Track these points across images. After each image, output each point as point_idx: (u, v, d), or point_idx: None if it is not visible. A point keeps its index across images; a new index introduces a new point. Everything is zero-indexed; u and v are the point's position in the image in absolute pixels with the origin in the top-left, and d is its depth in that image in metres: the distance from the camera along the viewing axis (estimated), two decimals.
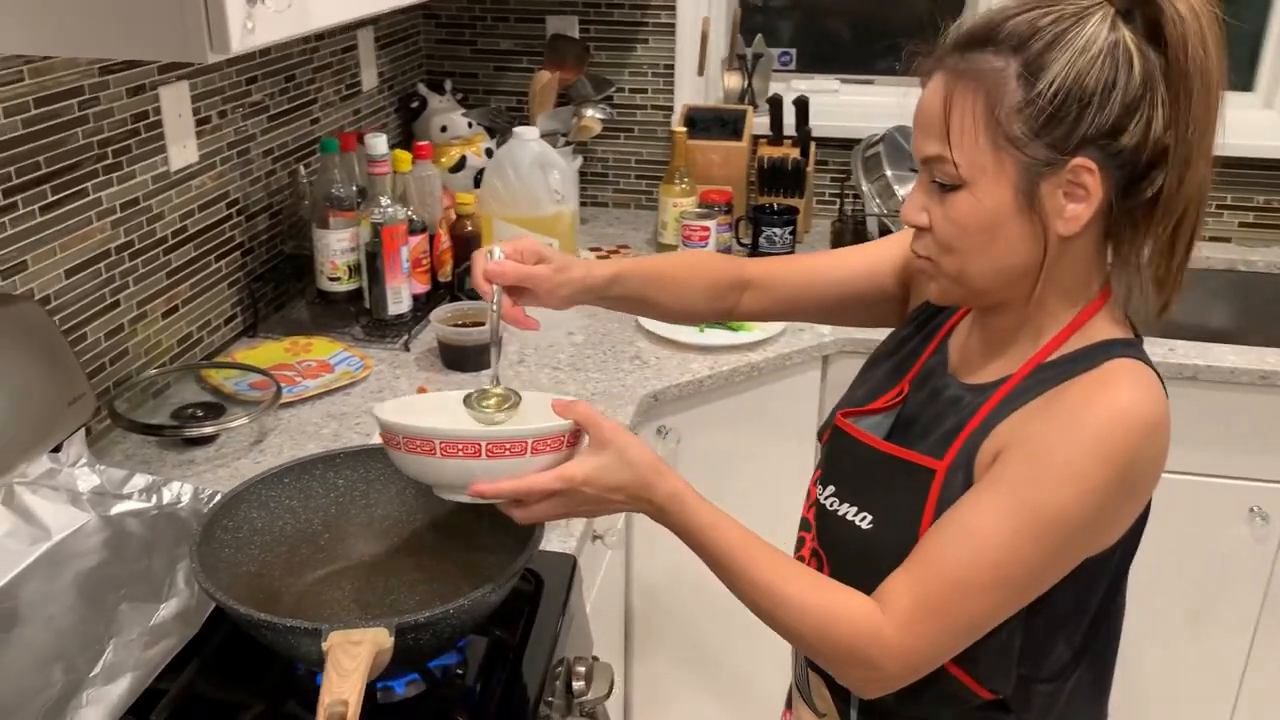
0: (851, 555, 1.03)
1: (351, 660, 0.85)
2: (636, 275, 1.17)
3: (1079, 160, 0.88)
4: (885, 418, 1.06)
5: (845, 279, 1.20)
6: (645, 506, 0.96)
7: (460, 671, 1.12)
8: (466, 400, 1.07)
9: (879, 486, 1.02)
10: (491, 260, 1.08)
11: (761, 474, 1.90)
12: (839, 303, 1.22)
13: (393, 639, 0.92)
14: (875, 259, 1.19)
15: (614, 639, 1.86)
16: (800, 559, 1.11)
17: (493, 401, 1.05)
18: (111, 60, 1.45)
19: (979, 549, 0.89)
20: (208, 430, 1.48)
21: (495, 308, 1.07)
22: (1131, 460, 0.88)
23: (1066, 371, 0.93)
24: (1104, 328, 0.96)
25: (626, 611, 1.92)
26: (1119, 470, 0.88)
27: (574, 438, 0.97)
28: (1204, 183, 0.90)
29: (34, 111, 1.33)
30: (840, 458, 1.08)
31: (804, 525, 1.12)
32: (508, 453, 0.93)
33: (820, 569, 1.06)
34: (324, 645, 0.90)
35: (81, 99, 1.41)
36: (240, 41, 1.13)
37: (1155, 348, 1.90)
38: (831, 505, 1.06)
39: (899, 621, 0.90)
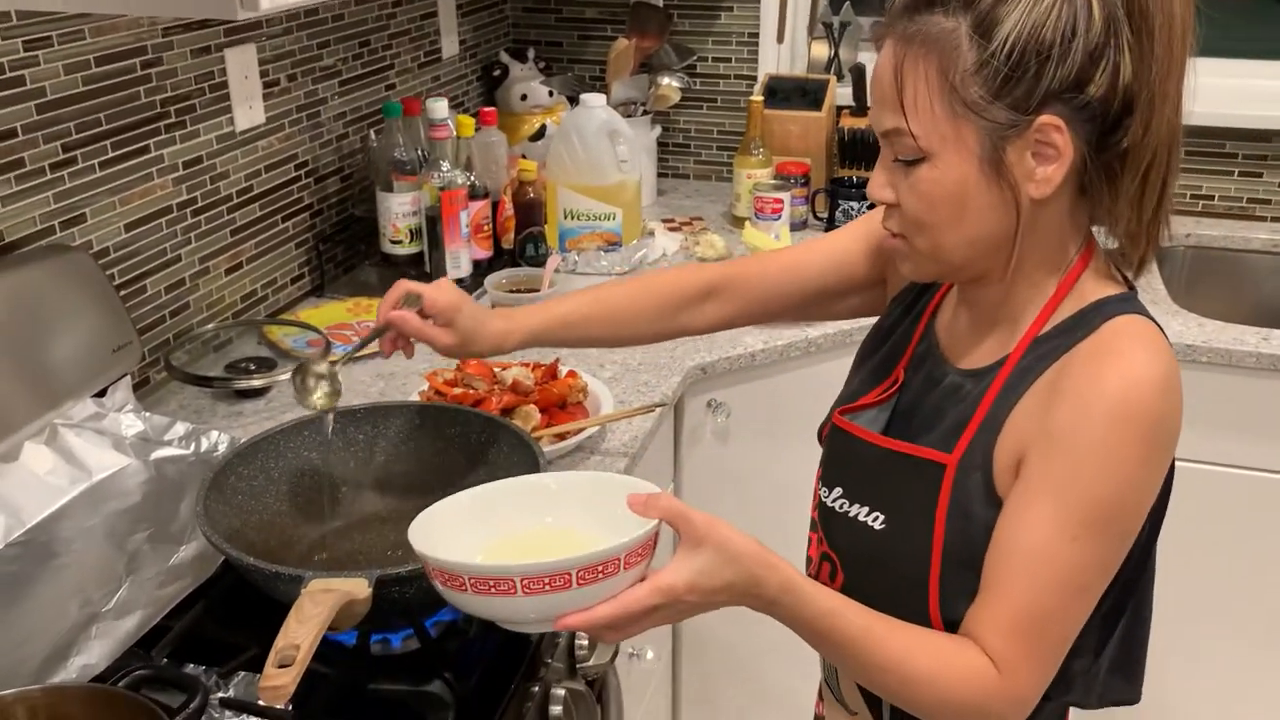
0: (864, 557, 0.99)
1: (315, 607, 0.86)
2: (558, 328, 1.19)
3: (1044, 118, 0.82)
4: (881, 410, 1.01)
5: (816, 271, 1.16)
6: (753, 602, 0.85)
7: (462, 629, 1.12)
8: (294, 376, 1.17)
9: (888, 484, 0.98)
10: (401, 308, 1.14)
11: (814, 454, 1.86)
12: (810, 298, 1.18)
13: (370, 590, 0.93)
14: (842, 246, 1.15)
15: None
16: (809, 559, 1.08)
17: (320, 390, 1.16)
18: (174, 21, 1.49)
19: (1049, 572, 0.86)
20: (256, 383, 1.52)
21: (375, 334, 1.17)
22: (1157, 425, 0.85)
23: (1065, 342, 0.88)
24: (1094, 287, 0.91)
25: None
26: (1149, 440, 0.85)
27: (656, 536, 0.84)
28: (1173, 129, 0.85)
29: (94, 70, 1.39)
30: (842, 457, 1.04)
31: (812, 526, 1.09)
32: (601, 575, 0.79)
33: (834, 573, 1.03)
34: (302, 591, 0.92)
35: (144, 59, 1.46)
36: (271, 0, 1.15)
37: (1249, 337, 1.78)
38: (840, 507, 1.01)
39: (1005, 668, 0.87)
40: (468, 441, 1.23)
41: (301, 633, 0.82)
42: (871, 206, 2.14)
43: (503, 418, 1.28)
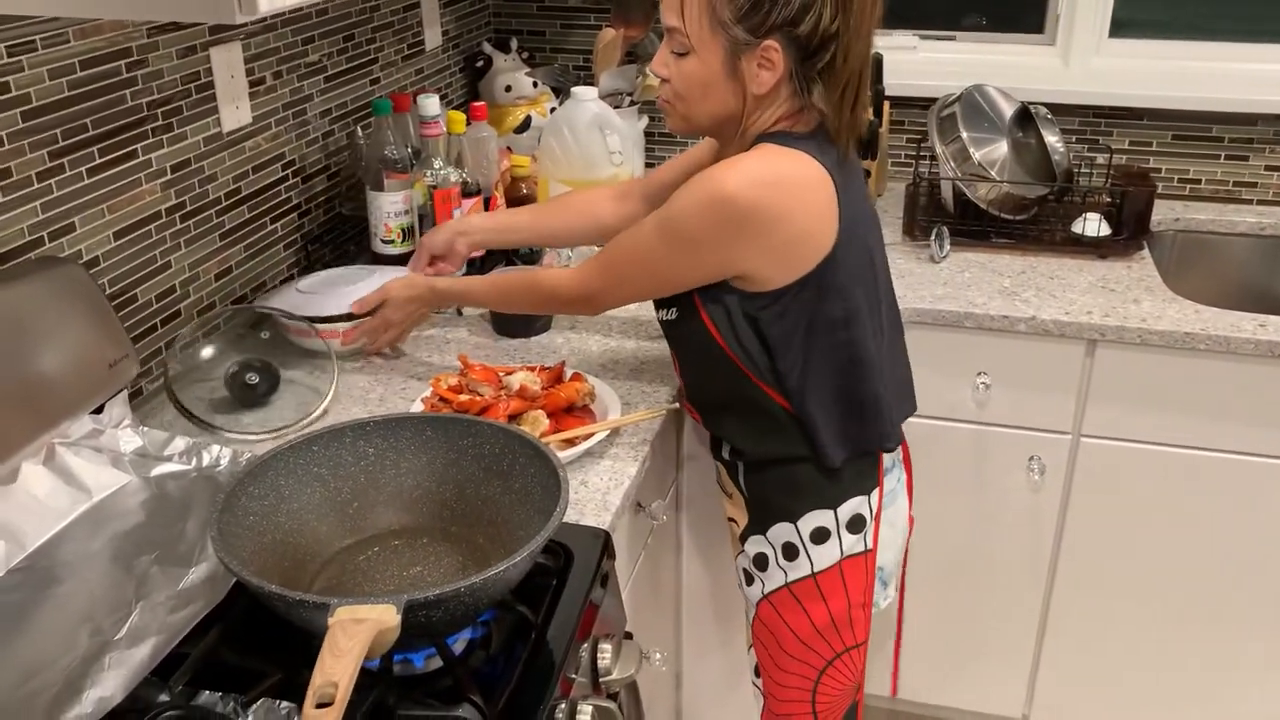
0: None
1: (349, 640, 0.83)
2: (504, 231, 1.68)
3: (768, 42, 1.20)
4: None
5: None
6: (434, 299, 1.56)
7: (482, 648, 1.10)
8: None
9: None
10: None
11: None
12: None
13: (399, 617, 0.91)
14: (691, 165, 1.52)
15: (667, 616, 1.83)
16: None
17: None
18: (160, 22, 1.44)
19: (629, 240, 1.33)
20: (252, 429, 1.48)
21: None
22: (733, 200, 1.20)
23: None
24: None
25: (678, 590, 1.90)
26: (723, 204, 1.21)
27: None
28: (863, 59, 1.25)
29: (80, 74, 1.34)
30: None
31: None
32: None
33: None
34: (330, 621, 0.89)
35: (129, 60, 1.41)
36: (269, 2, 1.11)
37: (1245, 324, 1.78)
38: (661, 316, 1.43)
39: (579, 269, 1.40)
40: (481, 452, 1.20)
41: (338, 669, 0.80)
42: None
43: (515, 426, 1.25)
